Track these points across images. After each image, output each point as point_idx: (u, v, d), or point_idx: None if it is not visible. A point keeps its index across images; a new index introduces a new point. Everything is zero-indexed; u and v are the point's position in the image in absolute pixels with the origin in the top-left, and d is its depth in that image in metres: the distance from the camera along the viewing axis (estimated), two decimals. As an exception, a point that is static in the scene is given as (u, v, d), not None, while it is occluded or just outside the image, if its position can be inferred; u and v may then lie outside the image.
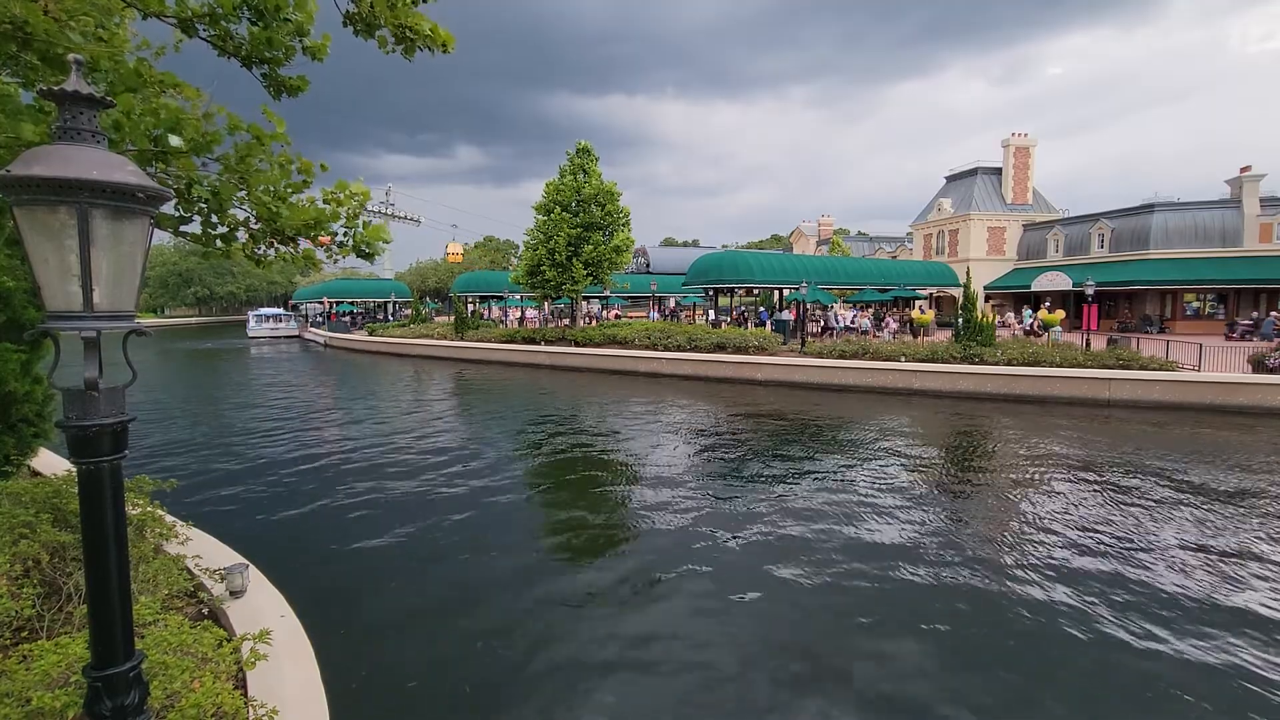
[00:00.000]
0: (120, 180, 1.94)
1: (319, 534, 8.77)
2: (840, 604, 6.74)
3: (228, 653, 3.51)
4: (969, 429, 15.75)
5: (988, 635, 6.12)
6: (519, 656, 5.76)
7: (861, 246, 68.58)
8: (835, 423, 16.44)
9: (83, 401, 2.03)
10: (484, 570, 7.63)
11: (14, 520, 4.31)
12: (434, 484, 10.99)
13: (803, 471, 11.72)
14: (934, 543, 8.30)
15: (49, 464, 8.04)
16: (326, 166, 4.20)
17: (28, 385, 6.12)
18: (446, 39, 4.32)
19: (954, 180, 49.49)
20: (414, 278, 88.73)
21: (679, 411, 18.32)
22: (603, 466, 12.28)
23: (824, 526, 8.85)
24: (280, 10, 3.83)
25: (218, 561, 5.14)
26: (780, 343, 26.90)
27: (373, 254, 4.33)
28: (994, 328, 22.42)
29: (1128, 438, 14.49)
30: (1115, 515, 9.32)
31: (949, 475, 11.72)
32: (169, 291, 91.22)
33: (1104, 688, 5.32)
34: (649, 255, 66.12)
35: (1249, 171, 35.23)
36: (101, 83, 3.39)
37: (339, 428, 16.17)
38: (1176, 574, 7.38)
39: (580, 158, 32.47)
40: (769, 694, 5.25)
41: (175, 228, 3.90)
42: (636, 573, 7.51)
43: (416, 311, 44.94)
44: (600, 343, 30.43)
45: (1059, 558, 7.83)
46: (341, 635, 6.01)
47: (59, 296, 1.97)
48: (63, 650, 3.07)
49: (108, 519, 2.12)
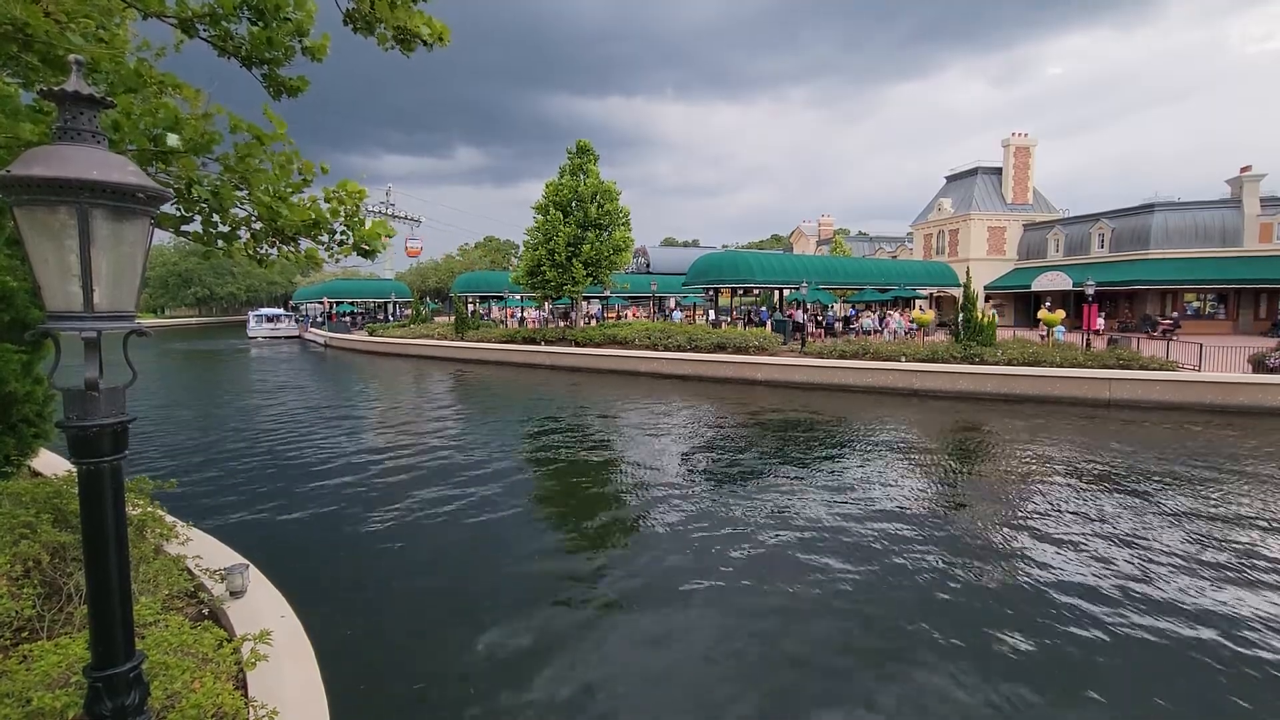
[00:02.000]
0: (120, 180, 1.93)
1: (319, 534, 8.77)
2: (840, 603, 6.74)
3: (228, 653, 3.51)
4: (969, 429, 15.74)
5: (986, 633, 6.12)
6: (520, 656, 5.75)
7: (862, 246, 68.56)
8: (835, 422, 16.43)
9: (83, 402, 2.02)
10: (485, 570, 7.63)
11: (14, 520, 4.31)
12: (434, 484, 10.99)
13: (802, 471, 11.72)
14: (933, 542, 8.29)
15: (49, 464, 8.04)
16: (327, 167, 4.20)
17: (28, 385, 6.12)
18: (442, 31, 4.32)
19: (954, 180, 49.48)
20: (414, 278, 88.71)
21: (679, 411, 18.32)
22: (603, 466, 12.27)
23: (824, 525, 8.85)
24: (280, 10, 3.83)
25: (218, 562, 5.14)
26: (780, 343, 26.92)
27: (373, 251, 4.33)
28: (994, 327, 22.42)
29: (1128, 437, 14.49)
30: (1115, 514, 9.31)
31: (948, 475, 11.71)
32: (169, 292, 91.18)
33: (1106, 686, 5.32)
34: (649, 255, 66.10)
35: (1249, 171, 35.23)
36: (102, 83, 3.39)
37: (339, 428, 16.17)
38: (1176, 573, 7.38)
39: (579, 157, 32.45)
40: (768, 694, 5.25)
41: (176, 227, 3.90)
42: (638, 572, 7.51)
43: (417, 312, 44.93)
44: (600, 343, 30.43)
45: (1058, 556, 7.82)
46: (342, 635, 6.01)
47: (59, 297, 1.97)
48: (63, 650, 3.07)
49: (108, 519, 2.12)
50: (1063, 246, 42.27)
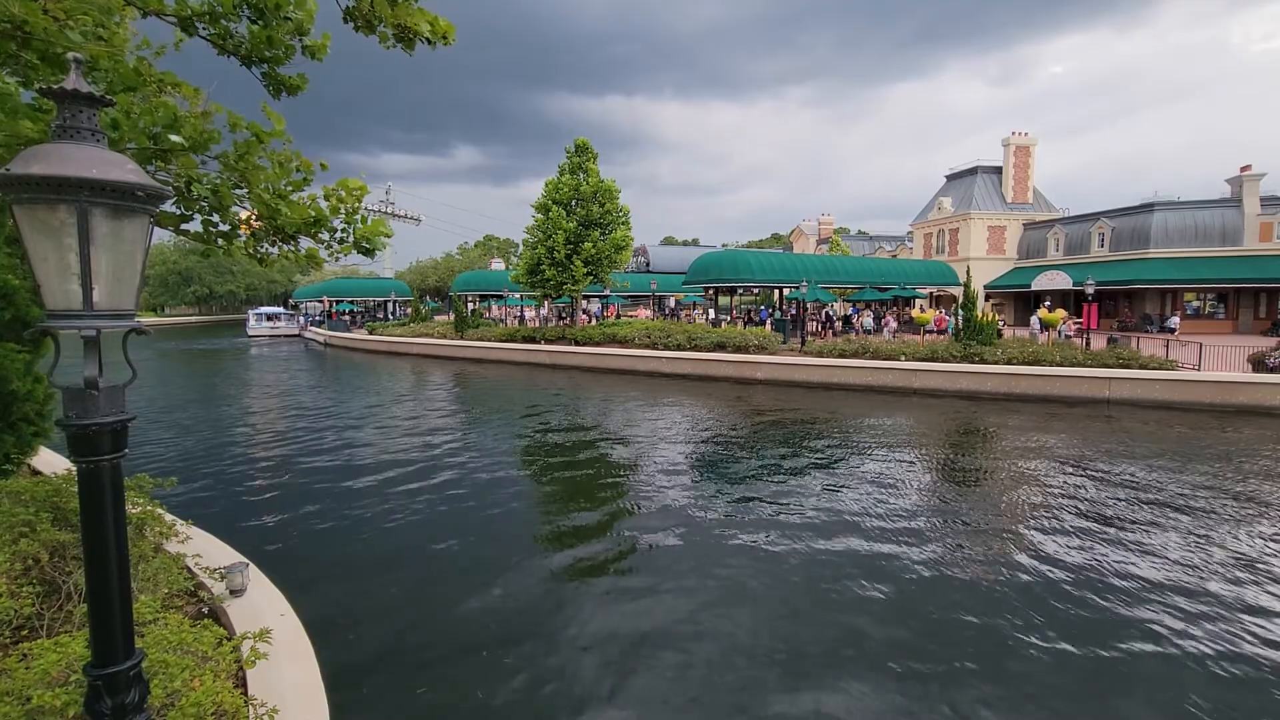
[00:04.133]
0: (120, 179, 1.93)
1: (319, 532, 8.77)
2: (839, 604, 6.75)
3: (228, 651, 3.51)
4: (968, 428, 15.75)
5: (985, 631, 6.12)
6: (520, 656, 5.76)
7: (862, 245, 68.49)
8: (835, 422, 16.43)
9: (83, 400, 2.02)
10: (486, 569, 7.63)
11: (14, 519, 4.32)
12: (435, 482, 10.99)
13: (802, 470, 11.72)
14: (932, 541, 8.30)
15: (49, 463, 8.04)
16: (326, 165, 4.20)
17: (28, 384, 6.12)
18: (447, 29, 4.31)
19: (954, 179, 49.45)
20: (414, 276, 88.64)
21: (679, 410, 18.32)
22: (603, 466, 12.28)
23: (823, 525, 8.85)
24: (280, 9, 3.82)
25: (217, 560, 5.15)
26: (780, 342, 26.91)
27: (373, 250, 4.33)
28: (994, 326, 22.42)
29: (1128, 437, 14.49)
30: (1115, 515, 9.32)
31: (947, 474, 11.72)
32: (169, 290, 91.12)
33: (1105, 684, 5.33)
34: (649, 254, 66.06)
35: (1249, 170, 35.21)
36: (101, 82, 3.38)
37: (339, 426, 16.17)
38: (1175, 573, 7.38)
39: (579, 155, 32.42)
40: (767, 691, 5.25)
41: (176, 226, 3.90)
42: (639, 574, 7.52)
43: (417, 310, 44.93)
44: (600, 341, 30.43)
45: (1055, 556, 7.83)
46: (342, 634, 6.01)
47: (59, 295, 1.97)
48: (63, 649, 3.07)
49: (108, 518, 2.12)
50: (1062, 246, 42.26)
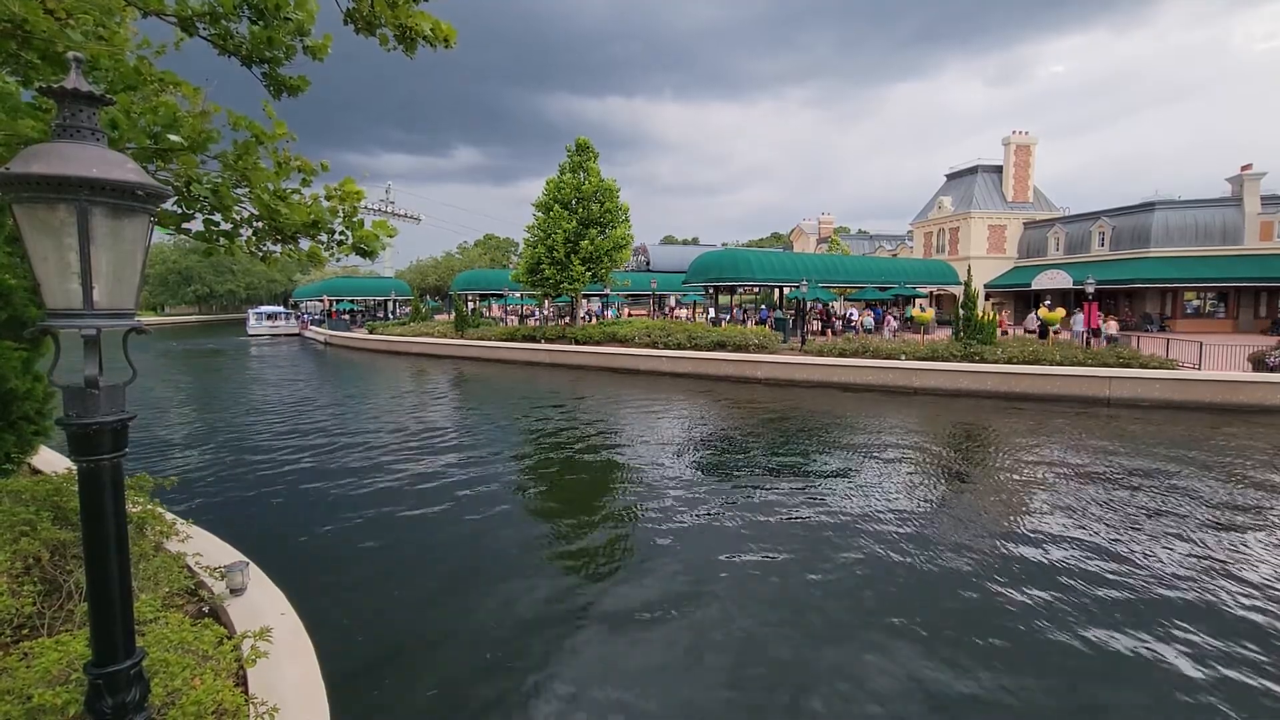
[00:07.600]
0: (120, 178, 1.94)
1: (319, 531, 8.77)
2: (839, 602, 6.75)
3: (228, 650, 3.51)
4: (969, 427, 15.74)
5: (983, 629, 6.13)
6: (521, 656, 5.76)
7: (862, 244, 68.46)
8: (835, 421, 16.43)
9: (83, 399, 2.03)
10: (488, 567, 7.64)
11: (14, 518, 4.32)
12: (436, 482, 10.99)
13: (801, 469, 11.72)
14: (933, 541, 8.30)
15: (49, 462, 8.04)
16: (327, 165, 4.20)
17: (28, 383, 6.12)
18: (449, 33, 4.31)
19: (954, 178, 49.40)
20: (414, 276, 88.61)
21: (679, 409, 18.32)
22: (603, 465, 12.28)
23: (823, 525, 8.86)
24: (281, 9, 3.82)
25: (218, 559, 5.15)
26: (780, 341, 26.91)
27: (372, 252, 4.33)
28: (995, 326, 22.41)
29: (1128, 437, 14.49)
30: (1114, 513, 9.32)
31: (947, 473, 11.72)
32: (169, 289, 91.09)
33: (1102, 685, 5.33)
34: (649, 253, 66.07)
35: (1250, 170, 35.18)
36: (101, 81, 3.38)
37: (340, 426, 16.17)
38: (1175, 572, 7.39)
39: (579, 154, 32.38)
40: (766, 690, 5.26)
41: (177, 226, 3.90)
42: (640, 572, 7.52)
43: (417, 310, 44.92)
44: (600, 341, 30.42)
45: (1054, 554, 7.83)
46: (343, 633, 6.02)
47: (58, 294, 1.97)
48: (63, 648, 3.08)
49: (108, 517, 2.12)
50: (1063, 245, 42.23)
